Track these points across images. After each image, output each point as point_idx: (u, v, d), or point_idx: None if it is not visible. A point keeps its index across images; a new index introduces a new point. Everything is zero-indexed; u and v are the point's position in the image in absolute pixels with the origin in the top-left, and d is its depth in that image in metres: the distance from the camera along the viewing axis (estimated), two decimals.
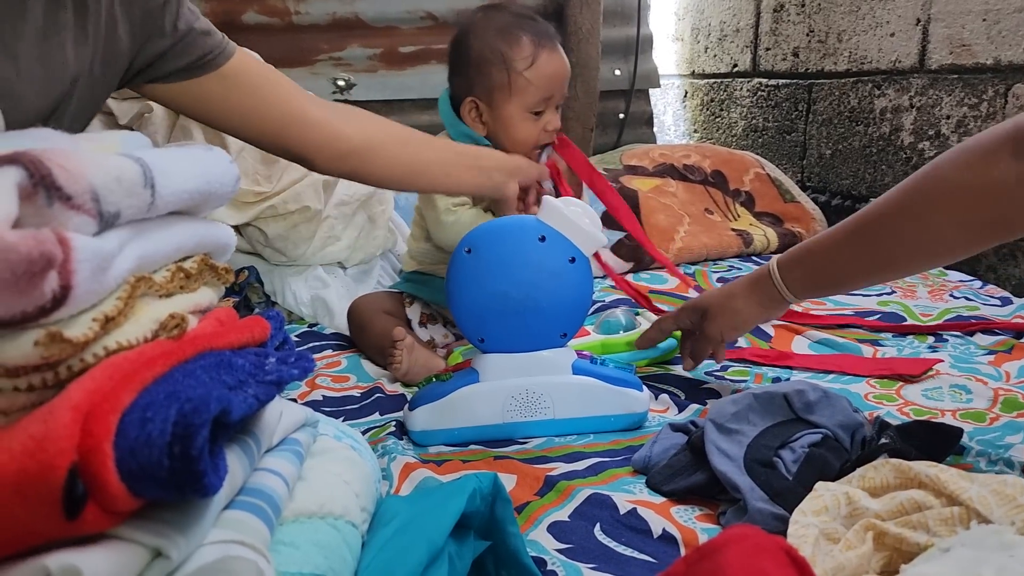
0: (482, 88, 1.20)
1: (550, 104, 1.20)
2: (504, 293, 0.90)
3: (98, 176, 0.42)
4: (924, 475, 0.56)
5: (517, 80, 1.17)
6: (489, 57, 1.18)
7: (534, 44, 1.18)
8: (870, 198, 1.94)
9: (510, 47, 1.17)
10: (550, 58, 1.19)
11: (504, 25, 1.19)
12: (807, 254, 0.90)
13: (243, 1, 2.01)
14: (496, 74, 1.18)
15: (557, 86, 1.20)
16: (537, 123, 1.20)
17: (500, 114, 1.19)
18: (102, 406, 0.40)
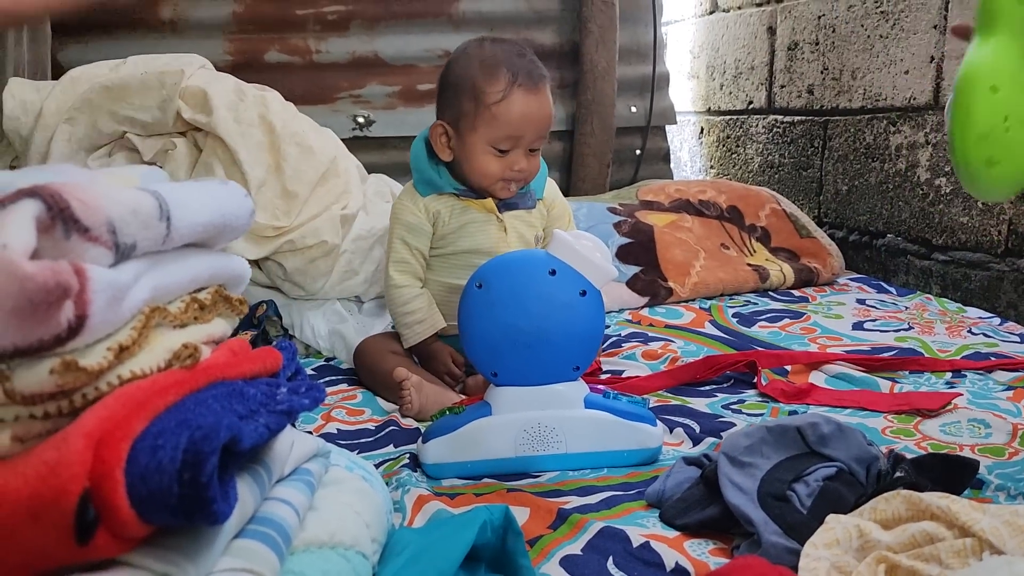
0: (451, 114, 1.19)
1: (519, 144, 1.16)
2: (516, 327, 0.90)
3: (115, 209, 0.44)
4: (936, 507, 0.56)
5: (483, 113, 1.15)
6: (463, 85, 1.17)
7: (510, 81, 1.15)
8: (887, 234, 1.94)
9: (485, 79, 1.15)
10: (524, 98, 1.15)
11: (490, 57, 1.17)
12: None
13: (265, 40, 2.06)
14: (465, 103, 1.17)
15: (528, 127, 1.15)
16: (500, 160, 1.17)
17: (464, 143, 1.17)
18: (114, 433, 0.40)
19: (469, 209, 1.21)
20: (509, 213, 1.23)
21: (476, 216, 1.21)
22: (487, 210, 1.21)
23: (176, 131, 1.44)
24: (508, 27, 2.19)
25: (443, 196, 1.21)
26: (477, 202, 1.21)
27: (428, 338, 1.21)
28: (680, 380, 1.19)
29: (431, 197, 1.21)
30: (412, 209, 1.21)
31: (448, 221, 1.21)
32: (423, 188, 1.22)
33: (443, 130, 1.19)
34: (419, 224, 1.21)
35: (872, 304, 1.61)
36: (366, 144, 2.08)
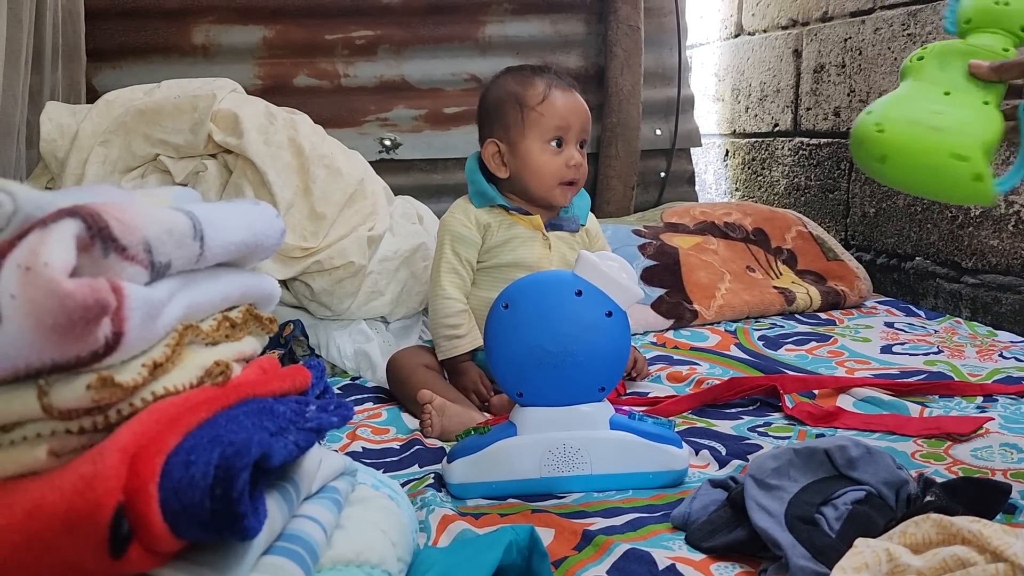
0: (500, 128, 1.25)
1: (568, 136, 1.24)
2: (542, 347, 0.90)
3: (151, 228, 0.45)
4: (967, 531, 0.55)
5: (530, 115, 1.23)
6: (504, 98, 1.25)
7: (547, 84, 1.24)
8: (916, 257, 1.92)
9: (523, 88, 1.25)
10: (563, 95, 1.24)
11: (521, 74, 1.27)
12: None
13: (294, 65, 2.09)
14: (511, 112, 1.24)
15: (573, 119, 1.24)
16: (558, 156, 1.23)
17: (519, 150, 1.24)
18: (148, 448, 0.41)
19: (516, 225, 1.26)
20: (554, 233, 1.27)
21: (522, 232, 1.25)
22: (534, 227, 1.26)
23: (207, 153, 1.46)
24: (534, 51, 2.21)
25: (494, 209, 1.26)
26: (525, 218, 1.26)
27: (463, 355, 1.22)
28: (703, 401, 1.19)
29: (484, 209, 1.26)
30: (463, 220, 1.26)
31: (496, 234, 1.25)
32: (477, 200, 1.27)
33: (496, 147, 1.25)
34: (469, 235, 1.25)
35: (901, 327, 1.59)
36: (392, 167, 2.10)
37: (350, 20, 2.11)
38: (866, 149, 0.84)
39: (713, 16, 2.66)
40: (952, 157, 0.79)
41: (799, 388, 1.20)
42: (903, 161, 0.82)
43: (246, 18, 2.06)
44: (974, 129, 0.81)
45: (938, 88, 0.84)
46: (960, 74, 0.83)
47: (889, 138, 0.82)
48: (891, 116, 0.82)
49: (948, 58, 0.84)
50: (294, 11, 2.08)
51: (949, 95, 0.83)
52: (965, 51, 0.84)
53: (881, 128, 0.82)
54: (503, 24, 2.21)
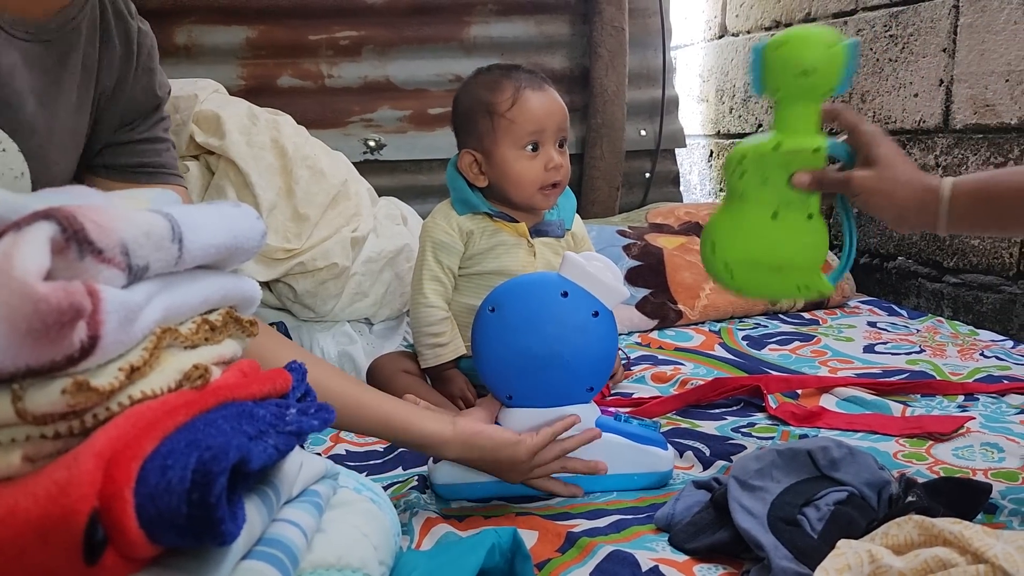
0: (473, 138, 1.22)
1: (543, 138, 1.19)
2: (529, 349, 0.89)
3: (128, 231, 0.44)
4: (948, 532, 0.55)
5: (500, 122, 1.19)
6: (474, 107, 1.21)
7: (515, 86, 1.19)
8: (898, 256, 1.93)
9: (492, 94, 1.20)
10: (534, 95, 1.19)
11: (490, 78, 1.23)
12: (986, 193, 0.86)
13: (278, 66, 2.08)
14: (482, 121, 1.20)
15: (548, 120, 1.19)
16: (535, 160, 1.19)
17: (495, 160, 1.20)
18: (124, 453, 0.41)
19: (501, 231, 1.23)
20: (539, 239, 1.25)
21: (507, 239, 1.23)
22: (519, 234, 1.23)
23: (189, 154, 1.45)
24: (519, 52, 2.21)
25: (478, 216, 1.23)
26: (509, 225, 1.23)
27: (446, 363, 1.21)
28: (687, 402, 1.19)
29: (466, 216, 1.23)
30: (445, 227, 1.23)
31: (479, 241, 1.23)
32: (460, 207, 1.24)
33: (472, 157, 1.22)
34: (451, 242, 1.22)
35: (883, 327, 1.60)
36: (377, 168, 2.10)
37: (334, 20, 2.11)
38: (721, 285, 0.98)
39: (697, 17, 2.67)
40: (797, 289, 0.96)
41: (782, 388, 1.21)
42: (756, 294, 1.03)
43: (229, 18, 2.04)
44: (807, 258, 0.94)
45: (766, 210, 0.92)
46: (782, 186, 0.91)
47: (740, 282, 0.96)
48: (735, 258, 0.95)
49: (768, 172, 0.91)
50: (277, 11, 2.07)
51: (777, 217, 0.92)
52: (782, 162, 0.91)
53: (730, 272, 0.95)
54: (488, 25, 2.20)
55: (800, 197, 0.91)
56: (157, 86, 0.92)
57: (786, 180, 0.91)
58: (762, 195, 0.92)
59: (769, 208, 0.92)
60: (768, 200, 0.92)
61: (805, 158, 0.90)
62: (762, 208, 0.92)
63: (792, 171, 0.90)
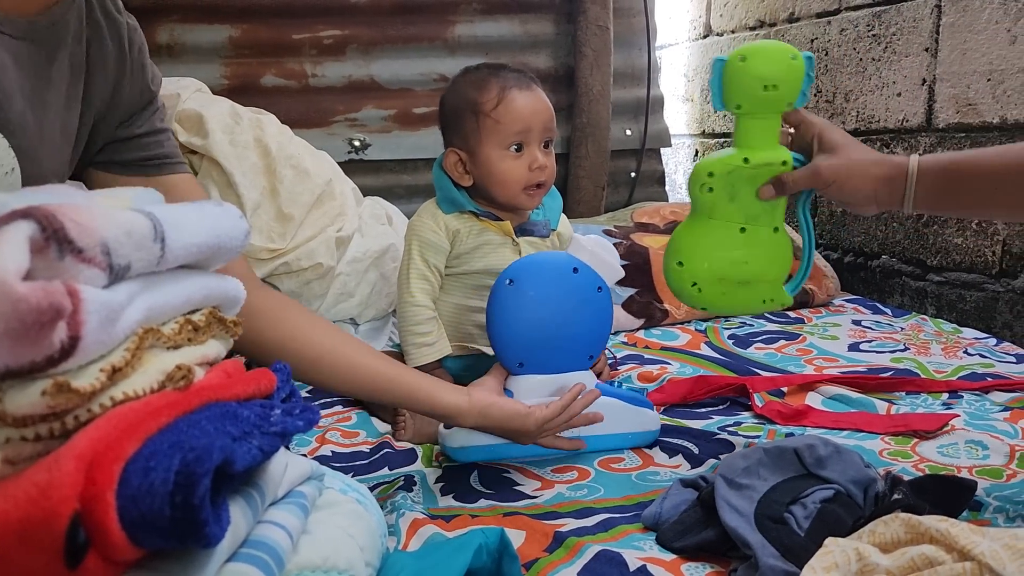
0: (458, 137, 1.21)
1: (529, 139, 1.19)
2: (544, 320, 0.99)
3: (109, 230, 0.44)
4: (935, 530, 0.55)
5: (485, 121, 1.18)
6: (460, 106, 1.21)
7: (501, 86, 1.19)
8: (882, 255, 1.94)
9: (478, 93, 1.19)
10: (520, 95, 1.19)
11: (476, 77, 1.22)
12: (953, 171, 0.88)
13: (262, 64, 2.07)
14: (467, 121, 1.20)
15: (533, 119, 1.19)
16: (519, 160, 1.19)
17: (479, 159, 1.19)
18: (106, 455, 0.40)
19: (487, 231, 1.23)
20: (525, 238, 1.25)
21: (493, 238, 1.23)
22: (504, 233, 1.23)
23: None
24: (504, 51, 2.20)
25: (464, 215, 1.23)
26: (495, 224, 1.23)
27: (432, 362, 1.21)
28: (672, 398, 1.19)
29: (452, 215, 1.23)
30: (432, 226, 1.22)
31: (465, 240, 1.22)
32: (446, 206, 1.23)
33: (456, 156, 1.21)
34: (438, 241, 1.22)
35: (868, 325, 1.61)
36: (362, 167, 2.09)
37: (318, 19, 2.10)
38: (687, 301, 0.98)
39: (682, 17, 2.67)
40: (762, 302, 0.99)
41: (768, 387, 1.21)
42: (722, 309, 1.04)
43: (212, 17, 2.03)
44: (773, 271, 0.97)
45: (734, 225, 0.94)
46: (749, 200, 0.94)
47: (707, 296, 0.97)
48: (702, 274, 0.95)
49: (736, 186, 0.93)
50: (261, 10, 2.05)
51: (745, 232, 0.95)
52: (751, 176, 0.93)
53: (698, 288, 0.96)
54: (472, 24, 2.20)
55: (766, 210, 0.93)
56: (151, 80, 0.91)
57: (754, 194, 0.92)
58: (730, 210, 0.94)
59: (737, 223, 0.94)
60: (736, 215, 0.94)
61: (774, 171, 0.92)
62: (730, 224, 0.94)
63: (759, 185, 0.92)
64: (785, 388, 1.22)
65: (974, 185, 0.87)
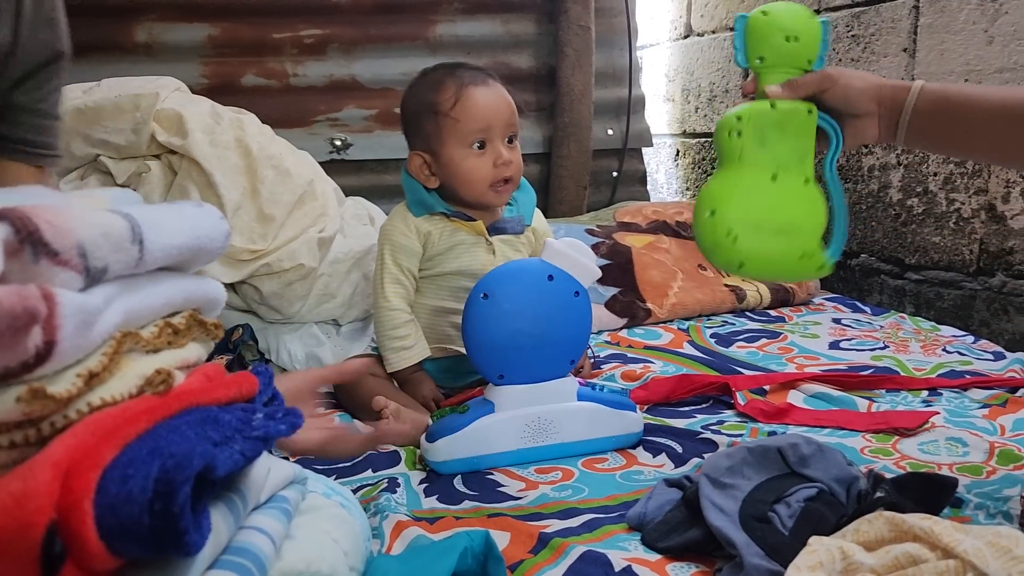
0: (421, 140, 1.21)
1: (491, 135, 1.18)
2: (521, 331, 0.98)
3: (85, 232, 0.43)
4: (918, 528, 0.56)
5: (445, 121, 1.17)
6: (418, 108, 1.20)
7: (458, 84, 1.18)
8: (861, 254, 1.96)
9: (435, 93, 1.19)
10: (477, 91, 1.18)
11: (433, 77, 1.21)
12: (952, 99, 0.86)
13: (242, 64, 2.05)
14: (427, 123, 1.19)
15: (493, 116, 1.18)
16: (483, 157, 1.18)
17: (443, 160, 1.19)
18: (83, 463, 0.39)
19: (459, 231, 1.22)
20: (498, 237, 1.24)
21: (465, 238, 1.22)
22: (477, 233, 1.22)
23: (150, 154, 1.43)
24: (485, 51, 2.20)
25: (435, 217, 1.22)
26: (467, 224, 1.22)
27: (412, 365, 1.20)
28: (655, 396, 1.20)
29: (423, 218, 1.22)
30: (403, 229, 1.22)
31: (438, 242, 1.22)
32: (416, 209, 1.23)
33: (421, 159, 1.21)
34: (409, 244, 1.21)
35: (848, 323, 1.62)
36: (343, 167, 2.08)
37: (298, 18, 2.08)
38: (722, 256, 0.90)
39: (663, 17, 2.68)
40: (800, 258, 0.91)
41: (750, 385, 1.22)
42: (759, 265, 0.92)
43: (190, 16, 2.01)
44: (809, 222, 0.92)
45: (765, 172, 0.90)
46: (779, 147, 0.90)
47: (742, 247, 0.89)
48: (737, 220, 0.88)
49: (765, 131, 0.90)
50: (240, 9, 2.04)
51: (776, 180, 0.90)
52: (779, 120, 0.90)
53: (733, 237, 0.88)
54: (454, 24, 2.19)
55: (796, 160, 0.91)
56: (57, 39, 0.87)
57: (783, 141, 0.90)
58: (760, 156, 0.90)
59: (768, 170, 0.90)
60: (766, 162, 0.90)
61: (801, 118, 0.90)
62: (761, 170, 0.90)
63: (788, 133, 0.90)
64: (767, 386, 1.23)
65: (968, 119, 0.86)
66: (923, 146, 0.94)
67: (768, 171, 0.90)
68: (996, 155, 0.94)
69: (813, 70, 0.92)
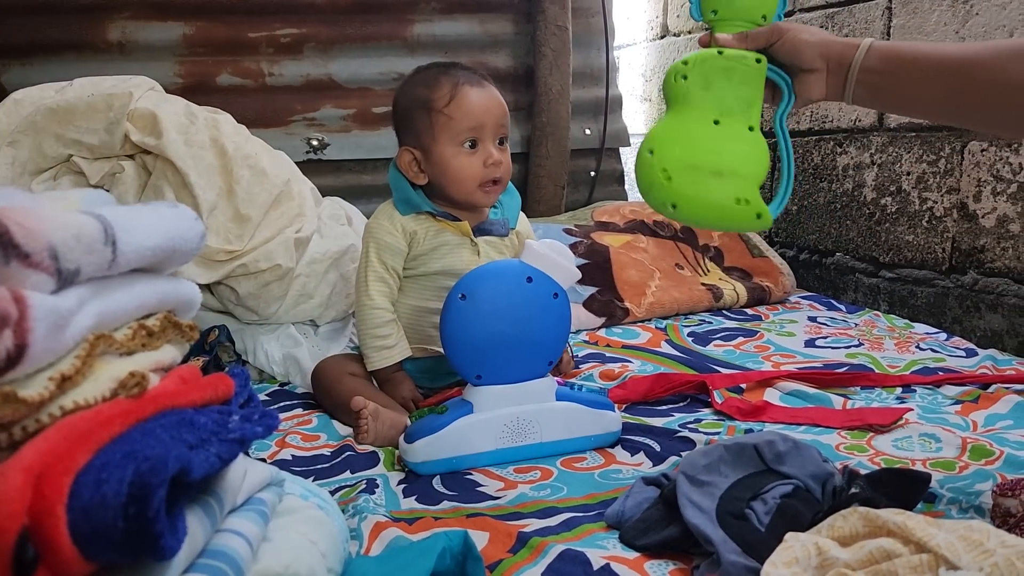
0: (411, 135, 1.21)
1: (483, 135, 1.18)
2: (500, 332, 0.98)
3: (57, 234, 0.42)
4: (892, 523, 0.56)
5: (438, 118, 1.17)
6: (412, 104, 1.20)
7: (453, 83, 1.18)
8: (836, 252, 1.98)
9: (430, 90, 1.19)
10: (472, 91, 1.18)
11: (428, 75, 1.22)
12: (899, 53, 0.86)
13: (217, 63, 2.03)
14: (420, 118, 1.19)
15: (486, 116, 1.18)
16: (474, 156, 1.18)
17: (433, 156, 1.19)
18: (55, 467, 0.39)
19: (445, 231, 1.22)
20: (483, 238, 1.24)
21: (451, 239, 1.22)
22: (462, 233, 1.23)
23: (124, 154, 1.41)
24: (463, 50, 2.20)
25: (421, 216, 1.22)
26: (453, 225, 1.22)
27: (393, 365, 1.20)
28: (633, 395, 1.20)
29: (409, 217, 1.22)
30: (389, 228, 1.21)
31: (423, 241, 1.22)
32: (402, 207, 1.23)
33: (411, 155, 1.21)
34: (395, 243, 1.21)
35: (823, 321, 1.64)
36: (320, 167, 2.07)
37: (275, 17, 2.07)
38: (656, 195, 0.91)
39: (639, 17, 2.69)
40: (735, 202, 0.91)
41: (727, 383, 1.23)
42: (692, 207, 0.92)
43: (165, 14, 1.99)
44: (748, 168, 0.92)
45: (708, 116, 0.91)
46: (724, 93, 0.91)
47: (677, 187, 0.90)
48: (674, 160, 0.90)
49: (711, 76, 0.91)
50: (215, 7, 2.02)
51: (719, 125, 0.91)
52: (725, 67, 0.91)
53: (668, 175, 0.90)
54: (431, 23, 2.19)
55: (741, 107, 0.92)
56: None
57: (728, 88, 0.91)
58: (704, 100, 0.91)
59: (710, 114, 0.91)
60: (709, 106, 0.91)
61: (748, 66, 0.91)
62: (703, 113, 0.91)
63: (734, 80, 0.91)
64: (744, 384, 1.24)
65: (917, 74, 0.85)
66: (872, 104, 0.94)
67: (711, 115, 0.91)
68: (939, 110, 0.91)
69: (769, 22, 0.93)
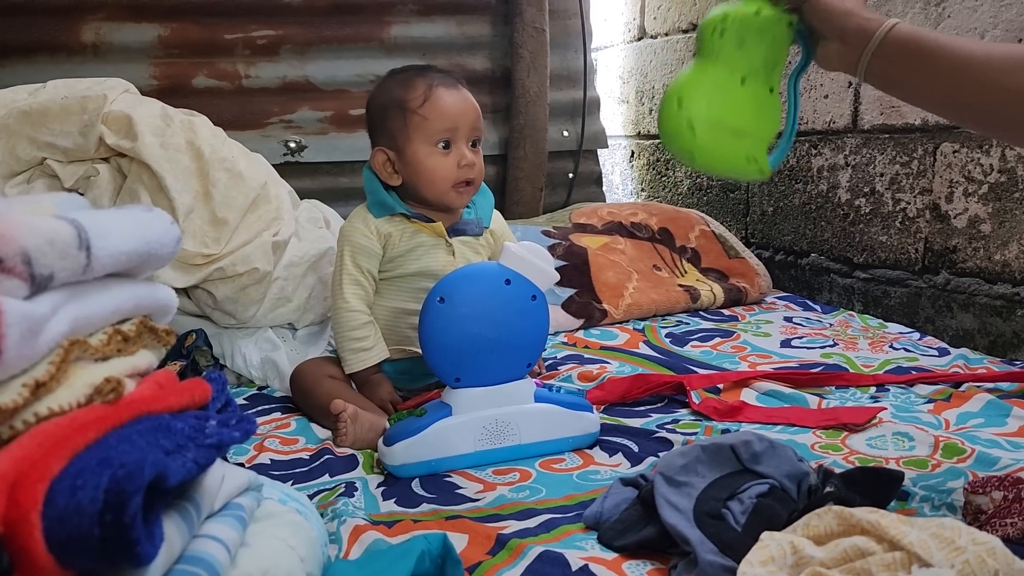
0: (385, 136, 1.22)
1: (456, 136, 1.19)
2: (478, 335, 0.98)
3: (30, 238, 0.42)
4: (865, 521, 0.57)
5: (412, 118, 1.18)
6: (386, 105, 1.21)
7: (427, 84, 1.19)
8: (811, 253, 2.00)
9: (404, 91, 1.20)
10: (446, 92, 1.19)
11: (403, 76, 1.22)
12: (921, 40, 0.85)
13: (193, 65, 2.02)
14: (394, 118, 1.20)
15: (460, 118, 1.19)
16: (448, 157, 1.19)
17: (407, 156, 1.20)
18: (30, 475, 0.39)
19: (419, 233, 1.23)
20: (457, 239, 1.25)
21: (425, 240, 1.23)
22: (437, 234, 1.23)
23: (99, 157, 1.40)
24: (440, 52, 2.20)
25: (395, 218, 1.22)
26: (427, 226, 1.23)
27: (371, 367, 1.20)
28: (611, 396, 1.21)
29: (383, 219, 1.22)
30: (363, 231, 1.21)
31: (398, 243, 1.22)
32: (376, 210, 1.23)
33: (384, 155, 1.21)
34: (369, 245, 1.21)
35: (798, 322, 1.65)
36: (298, 170, 2.06)
37: (250, 19, 2.05)
38: (678, 144, 0.95)
39: (617, 19, 2.70)
40: (746, 160, 0.96)
41: (704, 384, 1.23)
42: (708, 159, 0.97)
43: (139, 15, 1.97)
44: (763, 130, 0.96)
45: (736, 74, 0.94)
46: (755, 54, 0.94)
47: (699, 141, 0.94)
48: (701, 115, 0.93)
49: (746, 36, 0.93)
50: (191, 9, 2.01)
51: (745, 84, 0.94)
52: (761, 27, 0.93)
53: (693, 129, 0.93)
54: (408, 25, 2.19)
55: (766, 68, 0.95)
56: None
57: (759, 48, 0.93)
58: (735, 58, 0.94)
59: (739, 73, 0.94)
60: (740, 65, 0.94)
61: (781, 29, 0.93)
62: (733, 71, 0.94)
63: (765, 41, 0.93)
64: (721, 385, 1.24)
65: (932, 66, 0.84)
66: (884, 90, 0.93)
67: (739, 74, 0.94)
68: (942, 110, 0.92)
69: None
